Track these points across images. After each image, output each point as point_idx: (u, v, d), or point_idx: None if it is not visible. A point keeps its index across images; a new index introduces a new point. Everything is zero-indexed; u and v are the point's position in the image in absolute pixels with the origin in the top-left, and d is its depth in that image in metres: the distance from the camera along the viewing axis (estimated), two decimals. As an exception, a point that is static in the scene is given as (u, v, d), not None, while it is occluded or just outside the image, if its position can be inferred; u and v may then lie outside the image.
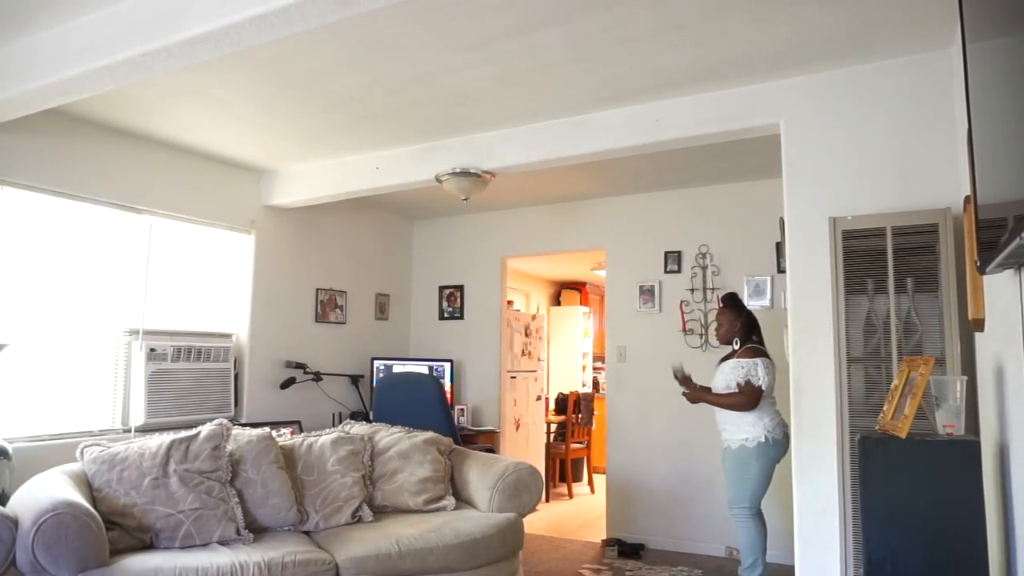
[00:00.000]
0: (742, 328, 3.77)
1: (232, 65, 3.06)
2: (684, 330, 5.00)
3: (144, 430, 3.90)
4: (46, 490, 2.58)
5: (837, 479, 2.83)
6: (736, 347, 3.76)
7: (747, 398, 3.58)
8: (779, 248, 4.54)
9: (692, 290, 5.01)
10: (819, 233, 2.97)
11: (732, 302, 3.85)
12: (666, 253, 5.15)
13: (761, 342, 3.78)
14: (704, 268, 5.00)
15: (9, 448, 3.01)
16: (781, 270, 4.47)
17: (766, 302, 4.77)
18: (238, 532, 2.94)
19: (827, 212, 2.96)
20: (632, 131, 3.54)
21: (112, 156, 3.96)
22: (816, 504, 2.91)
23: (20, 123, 3.32)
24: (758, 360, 3.61)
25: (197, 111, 3.67)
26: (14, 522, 2.43)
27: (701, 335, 4.95)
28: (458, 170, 4.05)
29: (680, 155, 4.13)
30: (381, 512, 3.52)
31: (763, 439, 3.57)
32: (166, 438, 3.06)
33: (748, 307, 4.05)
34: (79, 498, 2.58)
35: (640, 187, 5.16)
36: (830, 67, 3.05)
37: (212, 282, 4.63)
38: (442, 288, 6.16)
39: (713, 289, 4.94)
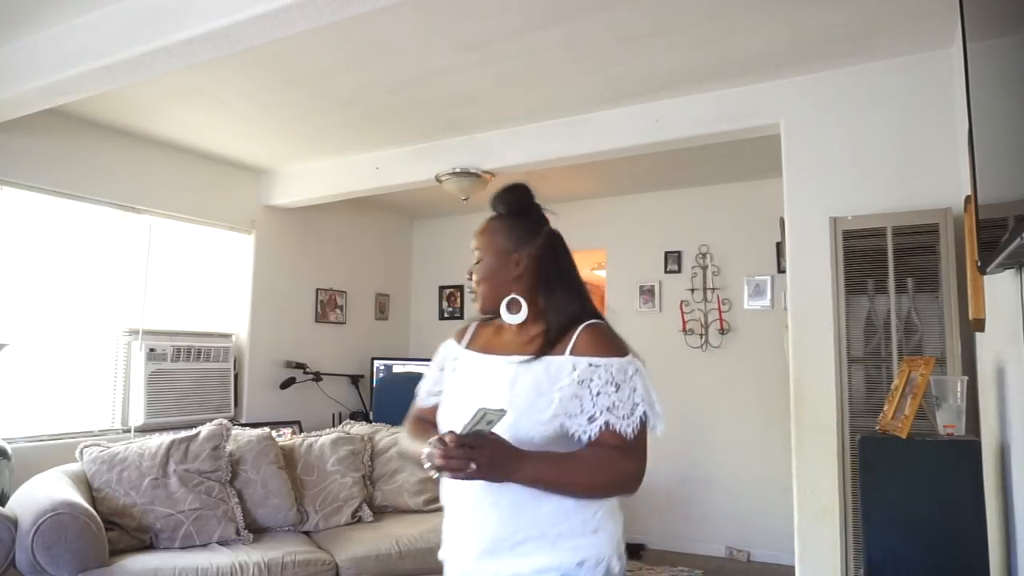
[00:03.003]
0: (542, 267, 1.52)
1: (232, 65, 3.05)
2: (684, 330, 5.00)
3: (144, 430, 3.90)
4: (46, 490, 2.58)
5: (837, 479, 2.82)
6: (517, 317, 1.49)
7: (637, 463, 1.39)
8: (779, 248, 4.54)
9: (692, 290, 5.01)
10: (819, 233, 2.97)
11: (520, 205, 1.58)
12: (666, 253, 5.15)
13: (600, 315, 1.54)
14: (704, 268, 4.99)
15: (9, 448, 3.01)
16: (781, 270, 4.46)
17: (766, 302, 4.77)
18: (238, 532, 2.94)
19: (827, 212, 2.96)
20: (632, 131, 3.54)
21: (112, 156, 3.96)
22: (816, 504, 2.91)
23: (20, 123, 3.31)
24: (638, 365, 1.45)
25: (197, 111, 3.67)
26: (14, 522, 2.42)
27: (701, 335, 4.95)
28: (458, 170, 4.05)
29: (680, 155, 4.12)
30: (381, 512, 3.52)
31: (614, 563, 1.39)
32: (166, 438, 3.06)
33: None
34: (79, 498, 2.58)
35: (640, 187, 5.16)
36: (830, 67, 3.05)
37: (212, 282, 4.63)
38: (442, 288, 6.16)
39: (713, 289, 4.94)
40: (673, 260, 5.13)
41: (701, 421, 4.88)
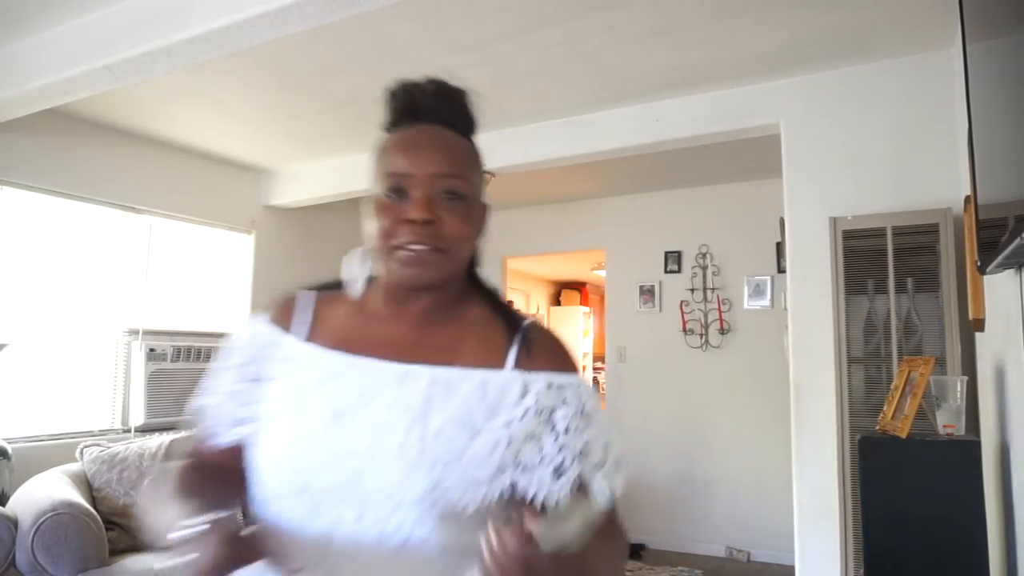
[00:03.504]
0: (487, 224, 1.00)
1: (231, 65, 3.05)
2: (684, 330, 5.00)
3: (144, 430, 3.90)
4: (46, 490, 2.58)
5: (837, 479, 2.82)
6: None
7: (627, 538, 0.90)
8: (779, 248, 4.54)
9: (692, 290, 5.01)
10: (819, 233, 2.97)
11: (475, 119, 1.00)
12: (666, 253, 5.15)
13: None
14: (704, 268, 4.99)
15: (9, 448, 3.01)
16: (781, 270, 4.46)
17: (766, 302, 4.77)
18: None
19: (827, 212, 2.96)
20: (632, 131, 3.54)
21: (112, 156, 3.96)
22: (816, 504, 2.91)
23: (20, 123, 3.31)
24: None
25: (197, 111, 3.67)
26: (14, 522, 2.43)
27: (701, 335, 4.95)
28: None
29: (680, 155, 4.12)
30: (381, 512, 3.52)
31: None
32: (166, 438, 3.06)
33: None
34: (79, 498, 2.58)
35: (640, 187, 5.16)
36: (830, 67, 3.05)
37: (212, 282, 4.63)
38: (442, 288, 6.15)
39: (713, 289, 4.94)
40: (673, 260, 5.13)
41: (701, 421, 4.88)
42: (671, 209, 5.19)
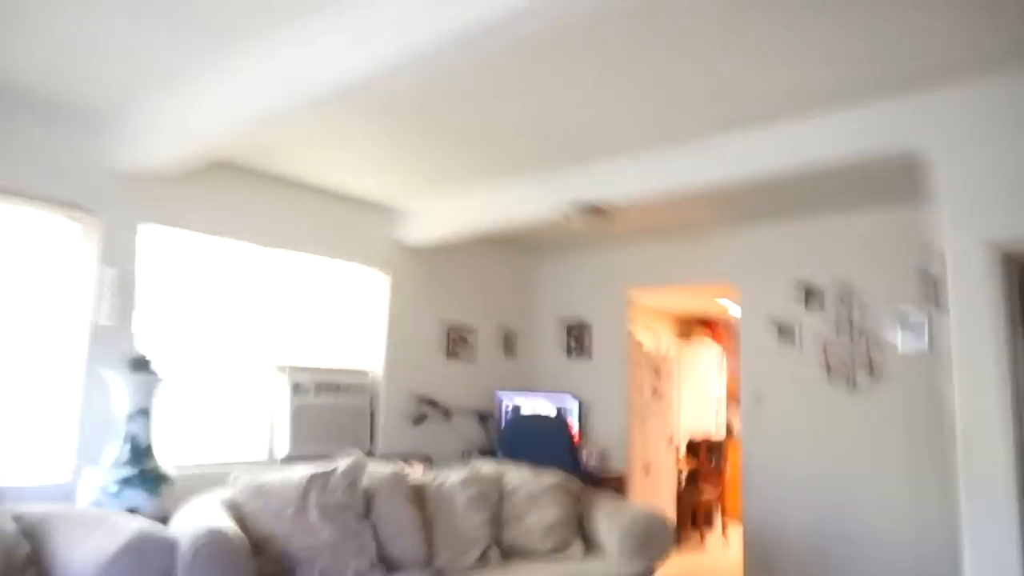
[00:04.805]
0: None
1: (359, 106, 3.22)
2: (827, 371, 4.65)
3: (288, 461, 4.12)
4: (202, 516, 2.76)
5: (1018, 543, 2.49)
6: None
7: None
8: (933, 281, 4.15)
9: (835, 328, 4.67)
10: (982, 265, 2.69)
11: None
12: (804, 288, 4.84)
13: None
14: (849, 305, 4.64)
15: (171, 473, 3.27)
16: (938, 306, 4.07)
17: (920, 342, 4.34)
18: (371, 566, 3.01)
19: (992, 241, 2.67)
20: (764, 157, 3.37)
21: (260, 199, 4.28)
22: (992, 574, 2.58)
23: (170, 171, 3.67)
24: None
25: (327, 151, 3.89)
26: (174, 545, 2.61)
27: (848, 377, 4.59)
28: (584, 205, 4.03)
29: (816, 181, 3.89)
30: (509, 555, 3.49)
31: None
32: (306, 471, 3.20)
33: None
34: (231, 525, 2.74)
35: (771, 215, 4.90)
36: (993, 77, 2.77)
37: (351, 320, 4.88)
38: (569, 326, 6.13)
39: (858, 327, 4.57)
40: (811, 295, 4.81)
41: (846, 472, 4.50)
42: (804, 239, 4.89)
